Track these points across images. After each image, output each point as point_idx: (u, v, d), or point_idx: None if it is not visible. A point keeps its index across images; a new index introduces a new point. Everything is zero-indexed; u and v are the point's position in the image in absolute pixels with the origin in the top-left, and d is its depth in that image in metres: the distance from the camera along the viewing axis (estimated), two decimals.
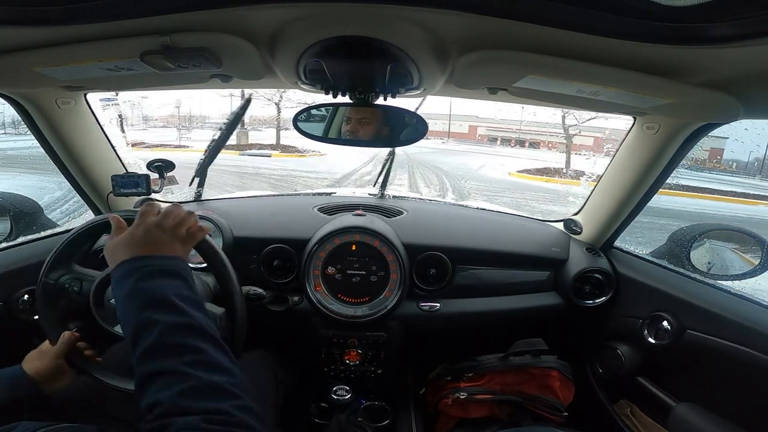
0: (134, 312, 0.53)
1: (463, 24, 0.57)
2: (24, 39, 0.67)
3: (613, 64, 0.64)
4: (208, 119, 17.79)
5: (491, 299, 1.25)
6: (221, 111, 17.66)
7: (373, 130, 0.93)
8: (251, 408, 0.47)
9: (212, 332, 0.54)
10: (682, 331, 1.01)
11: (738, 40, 0.46)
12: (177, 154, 11.27)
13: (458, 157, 15.11)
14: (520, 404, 1.16)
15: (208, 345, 0.51)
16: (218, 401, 0.46)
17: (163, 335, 0.50)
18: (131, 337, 0.52)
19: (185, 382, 0.46)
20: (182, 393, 0.45)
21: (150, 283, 0.55)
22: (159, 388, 0.46)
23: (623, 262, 1.27)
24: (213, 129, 1.34)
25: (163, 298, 0.54)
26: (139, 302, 0.53)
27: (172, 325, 0.51)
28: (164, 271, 0.58)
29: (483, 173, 11.47)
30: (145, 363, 0.49)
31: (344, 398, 1.22)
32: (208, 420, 0.43)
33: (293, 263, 1.20)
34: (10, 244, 1.13)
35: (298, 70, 0.76)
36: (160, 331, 0.50)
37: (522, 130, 21.86)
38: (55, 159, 1.14)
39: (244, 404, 0.47)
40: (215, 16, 0.59)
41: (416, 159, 12.14)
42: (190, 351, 0.49)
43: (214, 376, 0.48)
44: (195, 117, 18.38)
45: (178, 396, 0.45)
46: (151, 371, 0.48)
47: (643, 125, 1.03)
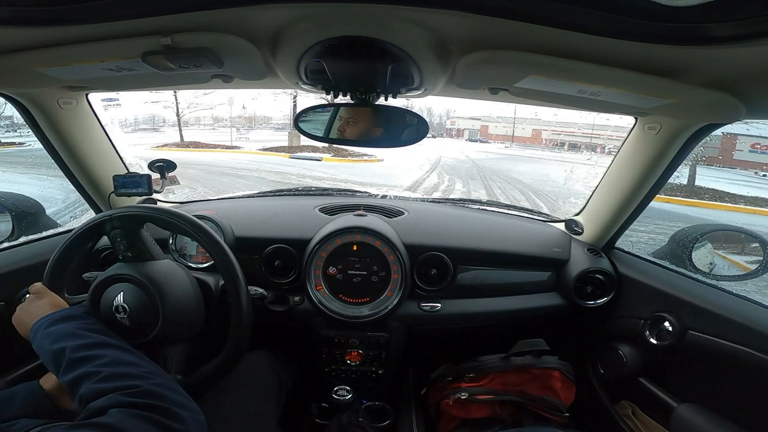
0: (48, 348, 0.64)
1: (464, 24, 0.57)
2: (26, 39, 0.67)
3: (614, 65, 0.64)
4: (270, 120, 18.02)
5: (492, 299, 1.24)
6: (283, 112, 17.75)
7: (374, 129, 0.93)
8: (163, 384, 0.56)
9: (116, 343, 0.65)
10: (684, 332, 1.01)
11: (739, 40, 0.46)
12: (225, 156, 11.22)
13: (530, 165, 13.69)
14: (522, 405, 1.16)
15: (112, 350, 0.62)
16: (129, 381, 0.55)
17: (72, 352, 0.61)
18: (53, 367, 0.63)
19: (96, 376, 0.56)
20: (96, 383, 0.55)
21: (53, 328, 0.68)
22: (81, 393, 0.55)
23: (625, 262, 1.26)
24: (274, 129, 1.34)
25: (65, 332, 0.66)
26: (50, 340, 0.65)
27: (78, 345, 0.62)
28: (60, 318, 0.70)
29: (575, 188, 8.26)
30: (66, 377, 0.59)
31: (345, 398, 1.22)
32: (123, 393, 0.52)
33: (294, 263, 1.20)
34: (12, 243, 1.13)
35: (299, 70, 0.76)
36: (69, 350, 0.61)
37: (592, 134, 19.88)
38: (56, 159, 1.14)
39: (155, 382, 0.56)
40: (216, 17, 0.59)
41: (486, 168, 11.24)
42: (96, 357, 0.60)
43: (120, 368, 0.58)
44: (258, 117, 18.83)
45: (92, 388, 0.54)
46: (71, 380, 0.58)
47: (645, 126, 1.03)
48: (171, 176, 1.29)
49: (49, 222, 1.32)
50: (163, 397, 0.53)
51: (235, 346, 0.83)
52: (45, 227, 1.25)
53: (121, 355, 0.61)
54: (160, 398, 0.52)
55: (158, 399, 0.52)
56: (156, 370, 0.60)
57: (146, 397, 0.52)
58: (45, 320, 0.70)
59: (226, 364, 0.85)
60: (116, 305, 0.77)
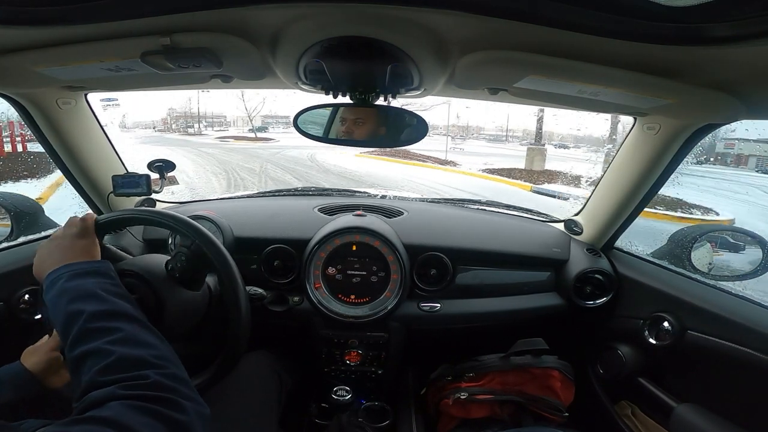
0: (62, 307, 0.57)
1: (463, 24, 0.57)
2: (25, 39, 0.67)
3: (613, 65, 0.64)
4: (483, 130, 17.26)
5: (492, 300, 1.25)
6: (495, 122, 16.89)
7: (372, 129, 0.93)
8: (175, 375, 0.51)
9: (137, 315, 0.58)
10: (683, 332, 1.01)
11: (739, 40, 0.46)
12: (437, 175, 9.90)
13: None
14: (521, 404, 1.16)
15: (131, 325, 0.56)
16: (137, 371, 0.49)
17: (87, 321, 0.54)
18: (61, 330, 0.56)
19: (106, 359, 0.50)
20: (102, 369, 0.49)
21: (75, 282, 0.61)
22: (85, 370, 0.50)
23: (624, 262, 1.26)
24: (486, 140, 1.29)
25: (88, 291, 0.59)
26: (67, 298, 0.58)
27: (96, 312, 0.55)
28: (88, 272, 0.63)
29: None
30: (73, 349, 0.53)
31: (345, 398, 1.22)
32: (124, 387, 0.46)
33: (294, 263, 1.20)
34: (10, 243, 1.13)
35: (298, 70, 0.76)
36: (85, 318, 0.54)
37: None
38: (55, 159, 1.14)
39: (166, 372, 0.50)
40: (216, 17, 0.59)
41: None
42: (112, 331, 0.53)
43: (135, 350, 0.52)
44: (472, 127, 18.28)
45: (98, 372, 0.48)
46: (78, 355, 0.52)
47: (644, 126, 1.03)
48: (170, 176, 1.29)
49: (47, 222, 1.32)
50: (171, 389, 0.49)
51: (233, 346, 0.83)
52: (44, 227, 1.25)
53: (137, 331, 0.55)
54: (168, 390, 0.49)
55: (165, 391, 0.49)
56: (169, 355, 0.55)
57: (153, 389, 0.48)
58: (68, 270, 0.63)
59: (224, 366, 0.85)
60: None
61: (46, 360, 0.76)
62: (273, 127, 28.19)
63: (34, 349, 0.78)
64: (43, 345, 0.78)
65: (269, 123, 28.80)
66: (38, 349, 0.78)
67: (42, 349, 0.77)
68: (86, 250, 0.70)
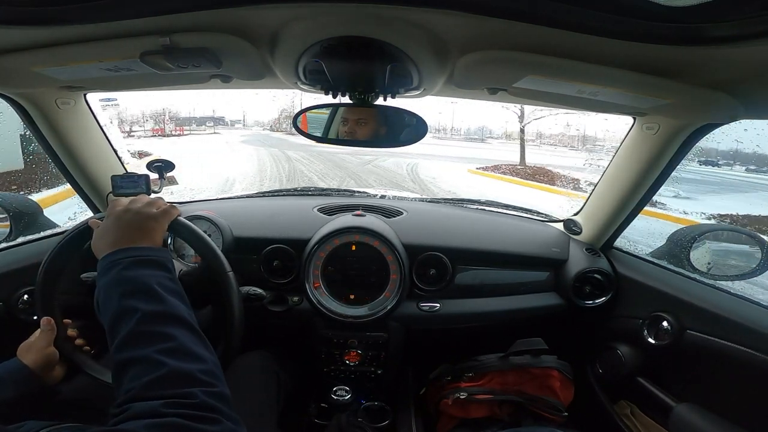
0: (115, 300, 0.54)
1: (463, 24, 0.57)
2: (24, 39, 0.67)
3: (613, 65, 0.64)
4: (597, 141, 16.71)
5: (491, 299, 1.25)
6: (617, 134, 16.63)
7: (372, 129, 0.93)
8: (221, 394, 0.48)
9: (190, 320, 0.55)
10: (682, 332, 1.01)
11: (738, 40, 0.46)
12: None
13: None
14: (521, 404, 1.16)
15: (183, 332, 0.52)
16: (185, 388, 0.46)
17: (140, 323, 0.51)
18: (110, 325, 0.53)
19: (155, 371, 0.47)
20: (150, 382, 0.46)
21: (133, 272, 0.57)
22: (131, 377, 0.47)
23: (623, 262, 1.27)
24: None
25: (144, 286, 0.55)
26: (121, 290, 0.55)
27: (151, 313, 0.52)
28: (147, 261, 0.59)
29: None
30: (121, 351, 0.50)
31: (344, 398, 1.22)
32: (169, 404, 0.44)
33: (293, 263, 1.20)
34: (9, 244, 1.13)
35: (297, 70, 0.76)
36: (138, 319, 0.51)
37: None
38: (54, 159, 1.14)
39: (212, 390, 0.48)
40: (215, 17, 0.59)
41: None
42: (164, 339, 0.50)
43: (185, 363, 0.49)
44: (589, 137, 17.91)
45: (146, 385, 0.46)
46: (126, 359, 0.49)
47: (643, 125, 1.03)
48: (169, 176, 1.29)
49: (47, 222, 1.31)
50: (215, 409, 0.46)
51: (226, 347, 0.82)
52: (43, 227, 1.25)
53: (189, 341, 0.52)
54: (212, 410, 0.46)
55: (209, 410, 0.46)
56: (216, 369, 0.52)
57: (198, 408, 0.45)
58: (129, 255, 0.59)
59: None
60: None
61: (43, 356, 0.76)
62: None
63: (29, 346, 0.77)
64: (37, 341, 0.78)
65: None
66: (33, 345, 0.77)
67: (37, 345, 0.77)
68: (155, 233, 0.66)
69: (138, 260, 0.59)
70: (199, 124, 25.43)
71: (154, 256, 0.61)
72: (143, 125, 19.19)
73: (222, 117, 28.33)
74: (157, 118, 19.67)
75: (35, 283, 0.80)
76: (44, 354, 0.76)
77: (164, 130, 19.59)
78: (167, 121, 20.05)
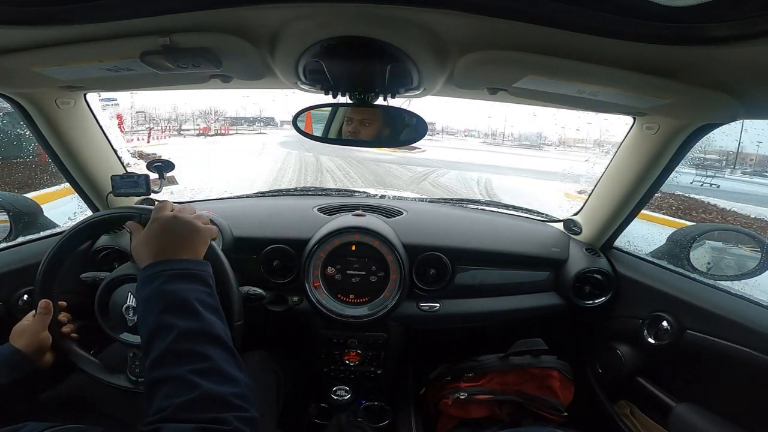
0: (154, 315, 0.54)
1: (463, 24, 0.57)
2: (24, 39, 0.67)
3: (612, 65, 0.64)
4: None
5: (491, 299, 1.25)
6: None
7: (374, 129, 0.93)
8: (252, 420, 0.48)
9: (225, 339, 0.54)
10: (682, 332, 1.01)
11: (738, 40, 0.46)
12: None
13: None
14: (521, 404, 1.16)
15: (219, 352, 0.52)
16: (218, 412, 0.46)
17: (177, 341, 0.51)
18: (147, 339, 0.53)
19: (188, 393, 0.46)
20: (183, 404, 0.45)
21: (173, 286, 0.56)
22: (165, 395, 0.47)
23: (623, 262, 1.27)
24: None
25: (184, 302, 0.55)
26: (161, 305, 0.54)
27: (188, 331, 0.52)
28: (188, 275, 0.59)
29: None
30: (155, 368, 0.50)
31: (344, 398, 1.22)
32: (200, 429, 0.43)
33: (293, 263, 1.19)
34: (9, 244, 1.13)
35: (297, 70, 0.76)
36: (175, 336, 0.51)
37: None
38: (54, 159, 1.13)
39: (245, 416, 0.47)
40: (215, 17, 0.59)
41: None
42: (200, 359, 0.50)
43: (218, 386, 0.48)
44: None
45: (178, 407, 0.45)
46: (160, 377, 0.49)
47: (643, 125, 1.03)
48: (169, 176, 1.28)
49: (46, 222, 1.31)
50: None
51: None
52: (42, 227, 1.25)
53: (224, 361, 0.51)
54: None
55: None
56: (248, 392, 0.51)
57: None
58: (170, 268, 0.58)
59: None
60: (127, 306, 0.76)
61: (36, 341, 0.76)
62: None
63: (22, 330, 0.77)
64: (30, 325, 0.77)
65: None
66: (26, 329, 0.77)
67: (30, 329, 0.77)
68: (199, 246, 0.65)
69: (179, 274, 0.58)
70: (250, 123, 25.28)
71: (195, 270, 0.60)
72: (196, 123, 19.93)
73: (272, 117, 27.72)
74: (207, 117, 20.17)
75: (35, 283, 0.80)
76: (38, 338, 0.76)
77: (210, 129, 20.23)
78: (212, 121, 20.47)
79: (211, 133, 20.05)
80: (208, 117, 20.32)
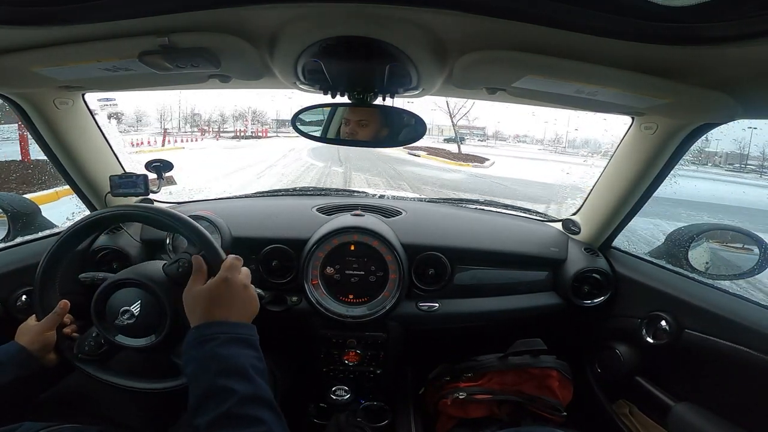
0: (210, 376, 0.55)
1: (462, 24, 0.57)
2: (22, 39, 0.67)
3: (611, 65, 0.64)
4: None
5: (490, 299, 1.25)
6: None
7: (372, 130, 0.93)
8: None
9: (274, 402, 0.56)
10: (681, 331, 1.02)
11: (736, 40, 0.47)
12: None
13: None
14: (520, 404, 1.16)
15: (271, 416, 0.54)
16: None
17: (236, 406, 0.52)
18: (199, 398, 0.54)
19: None
20: None
21: (228, 351, 0.58)
22: None
23: (622, 262, 1.27)
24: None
25: (240, 368, 0.56)
26: (217, 367, 0.56)
27: (246, 396, 0.53)
28: (242, 340, 0.61)
29: None
30: (214, 430, 0.51)
31: (343, 398, 1.22)
32: None
33: (292, 263, 1.19)
34: (7, 244, 1.12)
35: (296, 70, 0.76)
36: (235, 401, 0.52)
37: None
38: (53, 159, 1.13)
39: None
40: (214, 17, 0.59)
41: None
42: (256, 423, 0.52)
43: None
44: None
45: None
46: None
47: (642, 125, 1.03)
48: (168, 176, 1.28)
49: (45, 222, 1.31)
50: None
51: None
52: (41, 228, 1.25)
53: (275, 425, 0.54)
54: None
55: None
56: None
57: None
58: (226, 331, 0.60)
59: None
60: (124, 309, 0.76)
61: (42, 339, 0.77)
62: (470, 138, 17.45)
63: (27, 329, 0.78)
64: (35, 325, 0.78)
65: (465, 134, 18.04)
66: (31, 328, 0.78)
67: (35, 329, 0.77)
68: (249, 304, 0.67)
69: (234, 338, 0.60)
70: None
71: (248, 335, 0.62)
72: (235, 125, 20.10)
73: None
74: (252, 118, 20.25)
75: (33, 283, 0.80)
76: (44, 337, 0.77)
77: (245, 131, 20.42)
78: (247, 123, 20.44)
79: (246, 135, 19.51)
80: (245, 119, 20.12)
